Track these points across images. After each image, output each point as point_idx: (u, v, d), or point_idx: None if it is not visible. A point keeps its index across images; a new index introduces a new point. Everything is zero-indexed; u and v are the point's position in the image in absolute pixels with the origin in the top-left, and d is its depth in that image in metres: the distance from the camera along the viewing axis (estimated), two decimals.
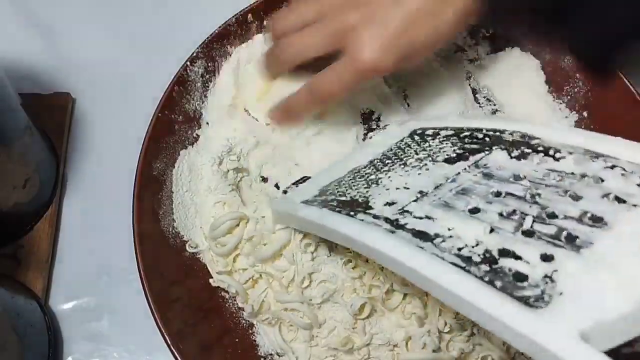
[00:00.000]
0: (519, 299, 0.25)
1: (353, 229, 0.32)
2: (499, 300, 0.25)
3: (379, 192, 0.35)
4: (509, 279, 0.26)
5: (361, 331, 0.40)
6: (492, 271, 0.26)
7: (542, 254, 0.26)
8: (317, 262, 0.41)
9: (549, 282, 0.25)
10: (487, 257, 0.27)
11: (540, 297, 0.24)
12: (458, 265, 0.27)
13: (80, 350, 0.43)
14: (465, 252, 0.28)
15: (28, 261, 0.44)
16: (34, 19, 0.56)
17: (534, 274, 0.26)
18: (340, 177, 0.40)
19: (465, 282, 0.26)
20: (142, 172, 0.41)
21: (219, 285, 0.41)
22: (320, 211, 0.36)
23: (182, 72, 0.44)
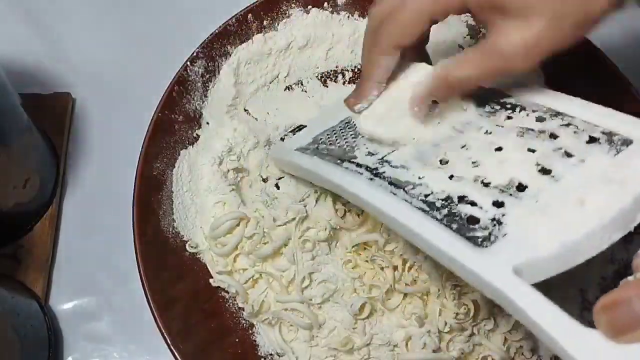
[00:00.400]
0: (469, 238, 0.28)
1: (337, 176, 0.36)
2: (452, 240, 0.29)
3: (364, 142, 0.38)
4: (463, 222, 0.29)
5: (361, 331, 0.40)
6: (450, 215, 0.30)
7: (494, 201, 0.30)
8: (317, 262, 0.41)
9: (496, 225, 0.28)
10: (447, 203, 0.31)
11: (487, 237, 0.28)
12: (423, 209, 0.31)
13: (80, 350, 0.43)
14: (431, 199, 0.31)
15: (28, 261, 0.44)
16: (34, 19, 0.56)
17: (484, 217, 0.29)
18: (333, 126, 0.41)
19: (427, 224, 0.30)
20: (142, 172, 0.41)
21: (219, 285, 0.41)
22: (311, 159, 0.39)
23: (182, 72, 0.44)
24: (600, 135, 0.31)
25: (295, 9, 0.49)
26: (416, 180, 0.33)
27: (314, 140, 0.41)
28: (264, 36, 0.48)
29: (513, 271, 0.26)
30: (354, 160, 0.36)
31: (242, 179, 0.45)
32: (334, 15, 0.50)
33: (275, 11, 0.48)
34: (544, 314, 0.25)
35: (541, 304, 0.25)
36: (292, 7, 0.48)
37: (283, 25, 0.48)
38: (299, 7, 0.49)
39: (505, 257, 0.27)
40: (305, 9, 0.49)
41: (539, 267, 0.27)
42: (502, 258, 0.27)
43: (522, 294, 0.26)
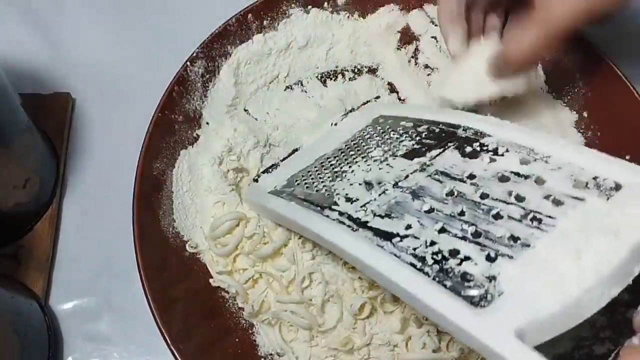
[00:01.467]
0: (466, 298, 0.27)
1: (320, 227, 0.34)
2: (448, 300, 0.27)
3: (343, 187, 0.36)
4: (457, 279, 0.28)
5: (361, 331, 0.40)
6: (442, 271, 0.28)
7: (487, 255, 0.28)
8: (317, 262, 0.41)
9: (492, 282, 0.27)
10: (438, 257, 0.29)
11: (484, 296, 0.27)
12: (414, 264, 0.29)
13: (80, 350, 0.43)
14: (420, 252, 0.30)
15: (28, 261, 0.44)
16: (34, 19, 0.56)
17: (479, 274, 0.28)
18: (308, 165, 0.41)
19: (419, 282, 0.28)
20: (142, 172, 0.41)
21: (219, 285, 0.41)
22: (289, 204, 0.37)
23: (182, 72, 0.44)
24: (589, 180, 0.30)
25: (295, 9, 0.49)
26: (402, 231, 0.31)
27: (289, 183, 0.40)
28: (264, 36, 0.48)
29: (515, 334, 0.25)
30: (335, 207, 0.35)
31: (242, 179, 0.45)
32: (334, 15, 0.50)
33: (275, 11, 0.48)
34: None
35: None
36: (292, 7, 0.48)
37: (283, 25, 0.48)
38: (299, 7, 0.49)
39: (505, 319, 0.26)
40: (305, 9, 0.49)
41: (540, 329, 0.25)
42: (502, 320, 0.26)
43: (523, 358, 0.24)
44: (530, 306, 0.26)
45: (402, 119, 0.40)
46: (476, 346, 0.26)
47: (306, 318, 0.40)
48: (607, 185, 0.29)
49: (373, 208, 0.33)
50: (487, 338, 0.25)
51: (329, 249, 0.35)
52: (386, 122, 0.41)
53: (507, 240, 0.29)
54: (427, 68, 0.51)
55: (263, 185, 0.41)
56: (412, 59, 0.51)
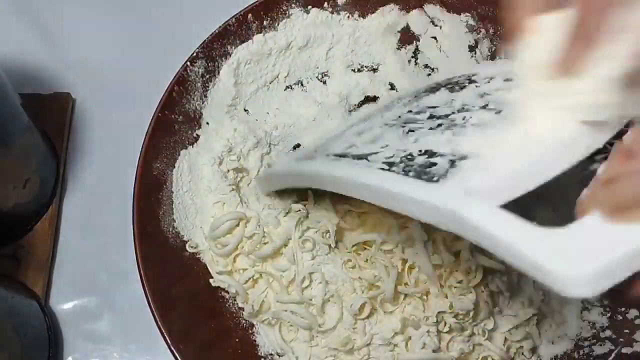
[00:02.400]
0: (426, 179, 0.29)
1: (308, 166, 0.38)
2: (409, 182, 0.29)
3: (340, 138, 0.40)
4: (422, 168, 0.30)
5: (361, 331, 0.40)
6: (408, 166, 0.31)
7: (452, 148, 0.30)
8: (317, 262, 0.41)
9: (453, 165, 0.29)
10: (407, 158, 0.32)
11: (443, 174, 0.28)
12: (383, 169, 0.32)
13: (80, 350, 0.43)
14: (392, 159, 0.32)
15: (28, 261, 0.44)
16: (34, 19, 0.56)
17: (442, 161, 0.29)
18: (321, 143, 0.43)
19: (386, 177, 0.31)
20: (142, 172, 0.41)
21: (219, 286, 0.41)
22: (289, 162, 0.42)
23: (182, 72, 0.44)
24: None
25: (295, 9, 0.48)
26: (379, 149, 0.34)
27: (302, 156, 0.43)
28: (264, 36, 0.48)
29: (464, 192, 0.26)
30: (325, 152, 0.38)
31: (242, 179, 0.45)
32: (334, 15, 0.50)
33: (275, 11, 0.48)
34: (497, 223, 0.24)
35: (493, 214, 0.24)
36: (292, 7, 0.48)
37: (283, 25, 0.48)
38: (299, 7, 0.49)
39: (456, 182, 0.27)
40: (305, 9, 0.49)
41: (493, 188, 0.26)
42: (453, 184, 0.27)
43: (472, 209, 0.25)
44: (483, 172, 0.27)
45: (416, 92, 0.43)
46: (430, 214, 0.27)
47: (306, 318, 0.40)
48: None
49: (356, 141, 0.37)
50: (436, 199, 0.27)
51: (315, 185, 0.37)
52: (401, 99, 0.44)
53: (470, 129, 0.31)
54: (427, 68, 0.51)
55: (273, 165, 0.45)
56: (412, 59, 0.51)
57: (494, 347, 0.40)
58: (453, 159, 0.29)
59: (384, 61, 0.51)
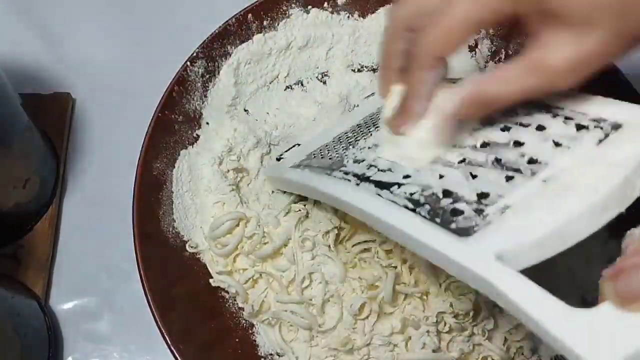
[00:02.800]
0: (453, 230, 0.28)
1: (324, 184, 0.36)
2: (434, 232, 0.28)
3: (353, 152, 0.38)
4: (447, 214, 0.29)
5: (361, 331, 0.40)
6: (433, 210, 0.30)
7: (479, 193, 0.29)
8: (317, 262, 0.41)
9: (480, 215, 0.28)
10: (431, 199, 0.31)
11: (471, 227, 0.28)
12: (407, 207, 0.31)
13: (80, 350, 0.43)
14: (416, 196, 0.31)
15: (28, 261, 0.44)
16: (34, 19, 0.56)
17: (469, 209, 0.29)
18: (327, 142, 0.42)
19: (410, 220, 0.30)
20: (142, 172, 0.41)
21: (219, 286, 0.41)
22: (302, 172, 0.39)
23: (182, 72, 0.44)
24: (589, 122, 0.31)
25: (295, 9, 0.49)
26: (402, 180, 0.33)
27: (307, 157, 0.42)
28: (264, 36, 0.48)
29: (495, 257, 0.25)
30: (343, 169, 0.37)
31: (242, 179, 0.45)
32: (334, 15, 0.50)
33: (275, 11, 0.48)
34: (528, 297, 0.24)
35: (524, 287, 0.24)
36: (292, 7, 0.48)
37: (283, 25, 0.48)
38: (299, 7, 0.49)
39: (487, 243, 0.26)
40: (305, 9, 0.49)
41: (523, 253, 0.26)
42: (483, 245, 0.26)
43: (504, 278, 0.25)
44: (515, 232, 0.26)
45: None
46: (459, 272, 0.27)
47: (306, 318, 0.40)
48: (607, 125, 0.30)
49: (377, 164, 0.35)
50: (467, 261, 0.26)
51: (334, 205, 0.36)
52: None
53: (501, 181, 0.30)
54: None
55: (283, 162, 0.43)
56: None
57: (494, 347, 0.40)
58: (480, 208, 0.28)
59: None
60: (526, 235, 0.26)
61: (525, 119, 0.33)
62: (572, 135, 0.30)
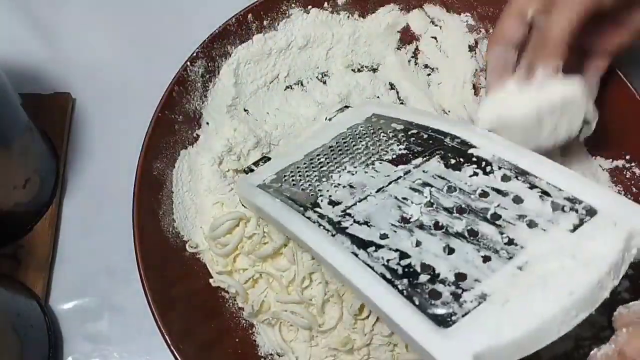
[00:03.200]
0: (431, 316, 0.27)
1: (300, 228, 0.35)
2: (413, 317, 0.28)
3: (327, 188, 0.37)
4: (426, 295, 0.28)
5: (361, 331, 0.40)
6: (412, 286, 0.29)
7: (456, 273, 0.29)
8: (317, 262, 0.41)
9: (458, 302, 0.28)
10: (409, 272, 0.30)
11: (449, 315, 0.27)
12: (384, 276, 0.30)
13: (80, 350, 0.43)
14: (393, 264, 0.30)
15: (28, 261, 0.44)
16: (34, 19, 0.56)
17: (446, 292, 0.28)
18: (297, 161, 0.41)
19: (388, 295, 0.29)
20: (142, 172, 0.41)
21: (219, 286, 0.41)
22: (274, 202, 0.38)
23: (182, 72, 0.44)
24: (566, 202, 0.31)
25: (295, 9, 0.49)
26: (379, 241, 0.32)
27: (277, 177, 0.40)
28: (264, 36, 0.48)
29: (473, 358, 0.25)
30: (317, 210, 0.35)
31: None
32: (334, 15, 0.50)
33: (275, 11, 0.48)
34: None
35: None
36: (292, 7, 0.48)
37: (283, 25, 0.48)
38: (299, 7, 0.49)
39: (465, 342, 0.26)
40: (305, 9, 0.49)
41: (499, 354, 0.26)
42: (462, 343, 0.26)
43: None
44: (492, 330, 0.26)
45: (394, 120, 0.41)
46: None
47: (306, 318, 0.40)
48: (583, 208, 0.30)
49: (353, 214, 0.34)
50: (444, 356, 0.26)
51: (306, 250, 0.35)
52: (378, 122, 0.42)
53: (477, 261, 0.29)
54: (427, 68, 0.51)
55: (252, 178, 0.42)
56: (412, 59, 0.51)
57: None
58: (457, 292, 0.28)
59: (384, 61, 0.51)
60: (503, 336, 0.26)
61: (503, 185, 0.32)
62: (548, 216, 0.30)
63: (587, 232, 0.29)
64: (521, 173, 0.33)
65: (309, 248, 0.34)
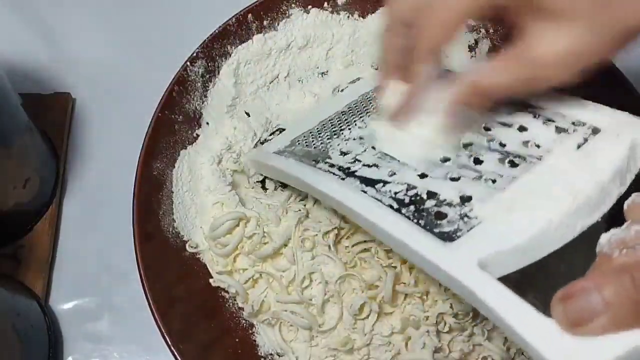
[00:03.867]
0: (437, 234, 0.29)
1: (309, 176, 0.36)
2: (418, 235, 0.29)
3: (338, 143, 0.39)
4: (432, 217, 0.30)
5: (361, 331, 0.40)
6: (418, 211, 0.30)
7: (461, 196, 0.30)
8: (317, 261, 0.41)
9: (463, 219, 0.29)
10: (416, 199, 0.31)
11: (454, 231, 0.28)
12: (392, 206, 0.31)
13: (80, 350, 0.43)
14: (400, 196, 0.32)
15: (28, 261, 0.44)
16: (34, 19, 0.56)
17: (453, 213, 0.30)
18: (311, 128, 0.42)
19: (394, 220, 0.30)
20: (142, 172, 0.41)
21: (219, 285, 0.41)
22: (287, 160, 0.39)
23: (182, 72, 0.44)
24: (569, 125, 0.31)
25: (295, 9, 0.48)
26: (387, 178, 0.33)
27: (291, 143, 0.42)
28: (264, 36, 0.48)
29: (478, 264, 0.26)
30: (328, 160, 0.37)
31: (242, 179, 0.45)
32: (334, 15, 0.50)
33: (275, 11, 0.48)
34: (506, 306, 0.25)
35: (503, 296, 0.25)
36: (292, 7, 0.48)
37: (283, 25, 0.48)
38: (299, 7, 0.49)
39: (470, 250, 0.27)
40: (305, 9, 0.49)
41: (505, 259, 0.26)
42: (467, 252, 0.27)
43: (484, 286, 0.25)
44: (496, 238, 0.27)
45: None
46: (442, 277, 0.27)
47: (306, 318, 0.40)
48: (587, 128, 0.31)
49: (362, 159, 0.36)
50: (451, 268, 0.27)
51: (319, 198, 0.37)
52: None
53: (481, 184, 0.31)
54: None
55: (267, 147, 0.44)
56: None
57: (493, 347, 0.40)
58: (463, 212, 0.29)
59: None
60: (507, 242, 0.27)
61: (507, 119, 0.33)
62: (553, 138, 0.31)
63: (591, 146, 0.30)
64: (525, 105, 0.34)
65: (319, 192, 0.35)
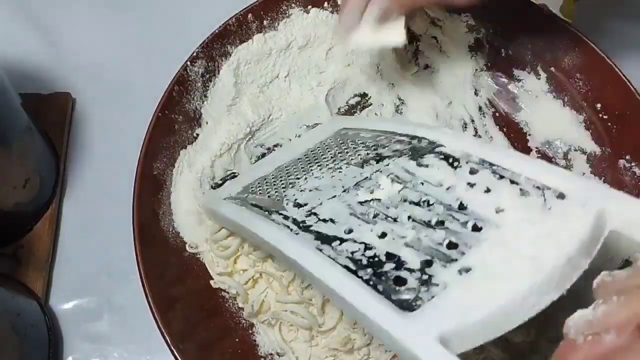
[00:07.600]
0: (396, 302, 0.27)
1: (262, 229, 0.34)
2: (377, 303, 0.27)
3: (293, 193, 0.37)
4: (390, 282, 0.28)
5: (361, 331, 0.40)
6: (376, 274, 0.28)
7: (422, 261, 0.28)
8: None
9: (424, 286, 0.27)
10: (374, 262, 0.29)
11: (414, 300, 0.27)
12: (348, 267, 0.29)
13: (80, 350, 0.43)
14: (357, 256, 0.30)
15: (28, 261, 0.44)
16: (34, 19, 0.56)
17: (412, 278, 0.28)
18: (266, 174, 0.41)
19: (350, 284, 0.28)
20: (142, 172, 0.41)
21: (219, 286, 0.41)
22: (239, 209, 0.38)
23: (182, 72, 0.44)
24: (534, 189, 0.30)
25: (295, 8, 0.48)
26: (344, 235, 0.31)
27: (244, 189, 0.40)
28: (264, 36, 0.48)
29: (439, 339, 0.25)
30: (282, 212, 0.35)
31: None
32: (334, 15, 0.50)
33: (275, 11, 0.48)
34: None
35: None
36: (292, 7, 0.48)
37: (283, 25, 0.48)
38: (299, 7, 0.49)
39: (431, 323, 0.25)
40: (305, 8, 0.49)
41: (466, 335, 0.25)
42: (427, 325, 0.25)
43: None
44: (458, 312, 0.25)
45: (362, 130, 0.41)
46: (400, 350, 0.26)
47: (306, 318, 0.40)
48: (551, 194, 0.30)
49: (318, 213, 0.34)
50: (409, 341, 0.25)
51: (270, 252, 0.35)
52: (347, 134, 0.42)
53: (444, 248, 0.29)
54: (427, 68, 0.51)
55: (219, 193, 0.42)
56: (412, 59, 0.51)
57: (494, 348, 0.40)
58: (424, 278, 0.27)
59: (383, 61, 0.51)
60: (469, 317, 0.25)
61: (471, 178, 0.32)
62: (517, 202, 0.30)
63: (556, 214, 0.29)
64: (489, 165, 0.32)
65: (272, 247, 0.33)
